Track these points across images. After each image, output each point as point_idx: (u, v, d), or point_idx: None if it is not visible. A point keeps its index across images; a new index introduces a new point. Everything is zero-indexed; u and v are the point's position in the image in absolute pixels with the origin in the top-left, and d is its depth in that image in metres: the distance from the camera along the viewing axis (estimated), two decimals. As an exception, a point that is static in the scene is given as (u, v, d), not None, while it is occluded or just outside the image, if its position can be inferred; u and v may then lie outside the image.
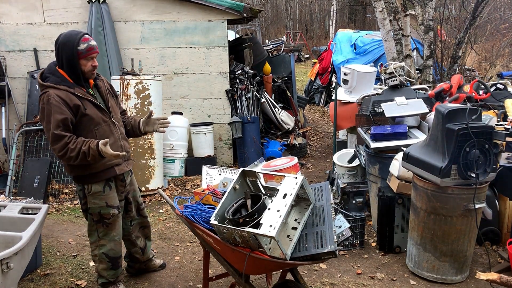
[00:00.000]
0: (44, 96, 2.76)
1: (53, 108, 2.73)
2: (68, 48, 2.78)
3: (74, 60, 2.80)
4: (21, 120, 6.21)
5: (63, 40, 2.80)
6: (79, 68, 2.84)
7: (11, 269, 2.72)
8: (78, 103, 2.82)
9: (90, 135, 2.88)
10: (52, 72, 2.84)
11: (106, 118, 2.98)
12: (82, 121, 2.86)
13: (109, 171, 3.00)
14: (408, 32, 6.97)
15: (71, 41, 2.78)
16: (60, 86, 2.79)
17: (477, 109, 3.31)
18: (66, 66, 2.82)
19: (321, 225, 2.52)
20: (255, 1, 24.10)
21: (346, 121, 5.90)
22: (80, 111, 2.83)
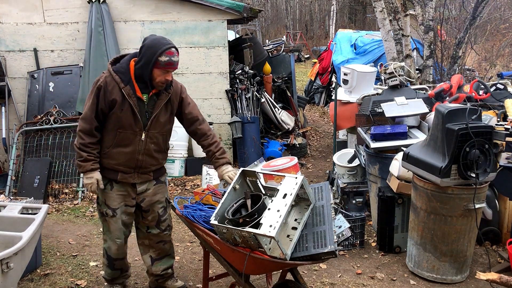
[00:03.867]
0: (100, 76, 2.84)
1: (95, 90, 2.79)
2: (150, 53, 2.74)
3: (149, 66, 2.75)
4: (21, 120, 6.21)
5: (149, 44, 2.77)
6: (150, 75, 2.79)
7: (11, 269, 2.72)
8: (118, 99, 2.78)
9: (112, 134, 2.86)
10: (123, 61, 2.87)
11: (136, 128, 2.86)
12: (112, 117, 2.83)
13: (111, 172, 2.94)
14: (408, 32, 6.97)
15: (156, 48, 2.73)
16: (116, 76, 2.80)
17: (477, 109, 3.31)
18: (141, 66, 2.78)
19: (321, 225, 2.52)
20: (255, 1, 24.10)
21: (346, 121, 5.90)
22: (115, 108, 2.79)
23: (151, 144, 2.93)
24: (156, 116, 2.90)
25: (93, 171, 2.84)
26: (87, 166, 2.82)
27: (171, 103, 2.98)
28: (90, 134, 2.82)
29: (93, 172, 2.84)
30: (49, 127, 5.85)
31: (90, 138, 2.82)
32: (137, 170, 2.96)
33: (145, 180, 3.02)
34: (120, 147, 2.87)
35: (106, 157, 2.90)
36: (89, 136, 2.82)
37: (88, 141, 2.81)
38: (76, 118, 5.89)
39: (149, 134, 2.91)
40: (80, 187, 5.55)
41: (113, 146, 2.87)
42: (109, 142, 2.88)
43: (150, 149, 2.94)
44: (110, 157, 2.89)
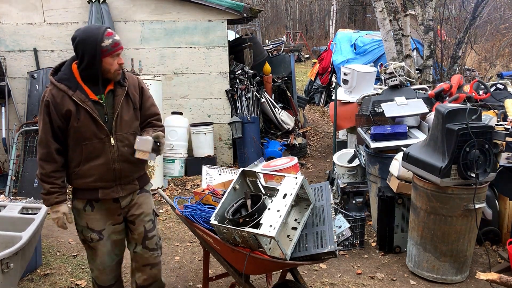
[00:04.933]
0: (44, 92, 2.47)
1: (44, 109, 2.44)
2: (89, 46, 2.35)
3: (96, 60, 2.38)
4: (21, 120, 6.21)
5: (82, 37, 2.37)
6: (102, 68, 2.42)
7: (11, 269, 2.72)
8: (72, 109, 2.41)
9: (77, 150, 2.49)
10: (64, 67, 2.50)
11: (101, 134, 2.48)
12: (70, 131, 2.46)
13: (90, 192, 2.55)
14: (408, 32, 6.97)
15: (93, 37, 2.35)
16: (60, 85, 2.42)
17: (477, 109, 3.31)
18: (86, 65, 2.40)
19: (321, 225, 2.52)
20: (255, 1, 24.10)
21: (346, 121, 5.90)
22: (71, 120, 2.43)
23: (124, 147, 2.55)
24: (119, 114, 2.52)
25: (58, 204, 2.51)
26: (51, 200, 2.49)
27: (131, 96, 2.60)
28: (50, 160, 2.47)
29: (58, 206, 2.51)
30: (49, 127, 5.84)
31: (50, 165, 2.47)
32: (118, 182, 2.57)
33: (130, 192, 2.65)
34: (90, 161, 2.49)
35: (79, 177, 2.52)
36: (49, 162, 2.47)
37: (50, 169, 2.46)
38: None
39: (118, 137, 2.53)
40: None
41: (83, 162, 2.49)
42: (77, 159, 2.50)
43: (125, 154, 2.55)
44: (83, 175, 2.51)
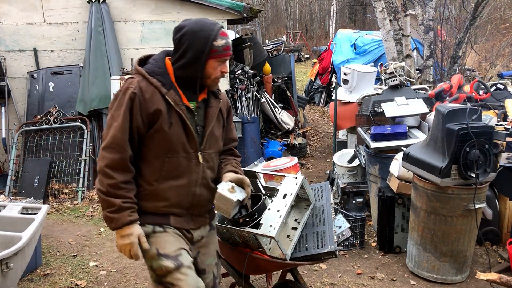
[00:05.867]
0: (127, 82, 1.96)
1: (127, 102, 1.89)
2: (199, 41, 1.92)
3: (202, 58, 1.94)
4: (21, 120, 6.21)
5: (193, 28, 1.93)
6: (203, 70, 1.97)
7: (11, 269, 2.72)
8: (162, 110, 1.92)
9: (157, 163, 1.96)
10: (156, 59, 2.03)
11: (190, 148, 2.00)
12: (154, 137, 1.94)
13: (159, 217, 2.02)
14: (408, 32, 6.97)
15: (207, 32, 1.93)
16: (152, 78, 1.94)
17: (477, 109, 3.31)
18: (186, 63, 1.95)
19: (321, 225, 2.52)
20: (255, 1, 24.08)
21: (346, 121, 5.90)
22: (159, 122, 1.92)
23: (208, 170, 2.09)
24: (212, 130, 2.07)
25: (132, 224, 1.89)
26: (123, 219, 1.87)
27: (222, 113, 2.17)
28: (123, 168, 1.90)
29: (131, 226, 1.89)
30: (49, 127, 5.85)
31: (123, 175, 1.90)
32: (191, 211, 2.08)
33: (199, 226, 2.15)
34: (170, 179, 1.98)
35: (150, 198, 1.98)
36: (122, 172, 1.90)
37: (121, 179, 1.88)
38: (76, 118, 5.89)
39: (205, 155, 2.07)
40: (80, 187, 5.55)
41: (161, 180, 1.97)
42: (152, 176, 1.97)
43: (208, 177, 2.10)
44: (157, 197, 1.98)
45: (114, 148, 1.89)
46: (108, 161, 1.88)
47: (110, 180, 1.87)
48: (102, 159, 1.90)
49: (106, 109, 5.84)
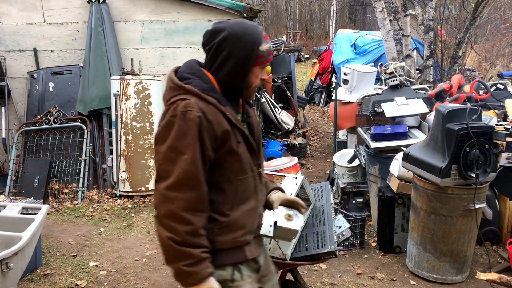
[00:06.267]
0: (181, 105, 1.59)
1: (194, 129, 1.57)
2: (246, 45, 1.66)
3: (248, 66, 1.69)
4: (21, 120, 6.21)
5: (236, 32, 1.65)
6: (247, 78, 1.71)
7: (11, 269, 2.72)
8: (229, 129, 1.66)
9: (230, 189, 1.69)
10: (196, 72, 1.69)
11: (254, 167, 1.79)
12: (227, 161, 1.68)
13: (237, 252, 1.73)
14: (408, 32, 6.97)
15: (252, 36, 1.67)
16: (208, 96, 1.64)
17: (477, 109, 3.31)
18: (230, 72, 1.68)
19: (321, 225, 2.52)
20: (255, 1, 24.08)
21: (346, 121, 5.90)
22: (229, 143, 1.66)
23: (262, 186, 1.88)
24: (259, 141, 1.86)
25: (210, 277, 1.59)
26: (203, 272, 1.56)
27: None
28: (202, 208, 1.60)
29: (210, 280, 1.58)
30: (49, 127, 5.85)
31: (201, 218, 1.59)
32: (256, 234, 1.85)
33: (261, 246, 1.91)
34: (242, 204, 1.73)
35: (228, 231, 1.69)
36: (201, 213, 1.59)
37: (200, 223, 1.58)
38: (76, 118, 5.89)
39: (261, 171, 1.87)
40: (80, 187, 5.55)
41: (235, 206, 1.71)
42: (227, 203, 1.69)
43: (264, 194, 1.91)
44: (234, 226, 1.70)
45: (187, 185, 1.55)
46: (183, 202, 1.54)
47: (188, 226, 1.54)
48: (172, 201, 1.53)
49: (106, 109, 5.85)
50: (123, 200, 5.44)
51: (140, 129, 5.51)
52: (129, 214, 5.05)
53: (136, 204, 5.35)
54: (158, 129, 1.62)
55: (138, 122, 5.49)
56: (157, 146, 1.60)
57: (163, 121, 1.61)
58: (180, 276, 1.56)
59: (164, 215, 1.54)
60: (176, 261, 1.54)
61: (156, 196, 1.57)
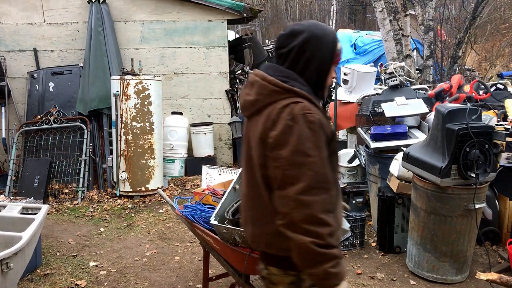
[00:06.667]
0: (297, 108, 1.55)
1: (314, 131, 1.53)
2: (327, 46, 1.66)
3: (329, 66, 1.68)
4: (21, 120, 6.21)
5: (316, 33, 1.64)
6: (327, 78, 1.70)
7: (11, 269, 2.72)
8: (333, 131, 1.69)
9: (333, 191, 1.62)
10: (291, 76, 1.64)
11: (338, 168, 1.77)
12: (332, 161, 1.65)
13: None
14: (408, 32, 6.97)
15: (330, 36, 1.67)
16: (313, 99, 1.63)
17: (477, 109, 3.31)
18: (316, 73, 1.66)
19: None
20: (255, 1, 24.09)
21: (346, 121, 5.89)
22: (334, 145, 1.66)
23: None
24: None
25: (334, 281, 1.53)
26: (344, 270, 1.53)
27: None
28: (332, 209, 1.56)
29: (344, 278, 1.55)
30: (49, 127, 5.85)
31: (333, 218, 1.54)
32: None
33: None
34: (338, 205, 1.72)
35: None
36: (331, 213, 1.55)
37: (335, 223, 1.54)
38: (76, 118, 5.90)
39: None
40: (80, 187, 5.55)
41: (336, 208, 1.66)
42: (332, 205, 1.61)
43: None
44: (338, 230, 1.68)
45: (321, 188, 1.51)
46: (320, 205, 1.49)
47: (328, 228, 1.49)
48: (309, 205, 1.47)
49: (106, 109, 5.85)
50: (123, 200, 5.45)
51: (140, 129, 5.51)
52: (129, 214, 5.05)
53: (136, 204, 5.36)
54: (273, 134, 1.54)
55: (138, 122, 5.50)
56: (276, 152, 1.52)
57: (279, 125, 1.53)
58: (324, 279, 1.50)
59: (301, 221, 1.47)
60: (320, 264, 1.48)
61: (285, 203, 1.49)
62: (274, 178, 1.54)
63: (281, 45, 1.67)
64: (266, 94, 1.61)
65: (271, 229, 1.58)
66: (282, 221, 1.51)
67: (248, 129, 1.69)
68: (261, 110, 1.61)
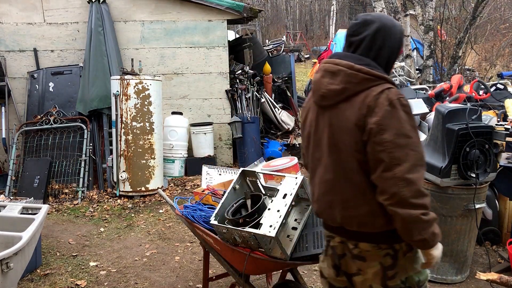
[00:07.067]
0: (391, 93, 1.66)
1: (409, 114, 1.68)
2: (396, 36, 1.78)
3: (396, 54, 1.83)
4: (21, 120, 6.21)
5: (389, 24, 1.77)
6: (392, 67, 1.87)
7: (11, 269, 2.72)
8: None
9: None
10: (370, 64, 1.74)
11: None
12: None
13: None
14: (408, 32, 6.97)
15: (399, 27, 1.81)
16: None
17: (477, 109, 3.31)
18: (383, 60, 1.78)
19: (321, 225, 2.52)
20: (255, 1, 24.08)
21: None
22: None
23: None
24: None
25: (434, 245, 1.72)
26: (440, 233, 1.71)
27: None
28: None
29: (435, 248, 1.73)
30: (49, 127, 5.85)
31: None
32: None
33: None
34: None
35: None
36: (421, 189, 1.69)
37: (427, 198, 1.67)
38: (76, 118, 5.90)
39: None
40: (80, 187, 5.55)
41: None
42: None
43: None
44: None
45: (421, 165, 1.66)
46: (421, 180, 1.64)
47: (428, 197, 1.65)
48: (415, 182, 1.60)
49: (106, 109, 5.85)
50: (123, 200, 5.45)
51: (140, 129, 5.51)
52: (129, 214, 5.05)
53: (136, 204, 5.36)
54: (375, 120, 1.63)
55: (138, 122, 5.50)
56: (380, 136, 1.62)
57: (379, 111, 1.63)
58: (430, 241, 1.65)
59: (412, 197, 1.59)
60: (427, 230, 1.63)
61: (394, 183, 1.60)
62: (378, 161, 1.62)
63: (353, 33, 1.78)
64: (356, 83, 1.69)
65: (365, 210, 1.70)
66: (390, 200, 1.61)
67: (329, 118, 1.76)
68: (350, 98, 1.70)
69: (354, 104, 1.68)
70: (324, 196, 1.83)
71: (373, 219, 1.71)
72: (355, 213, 1.73)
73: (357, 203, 1.72)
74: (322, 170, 1.81)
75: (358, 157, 1.68)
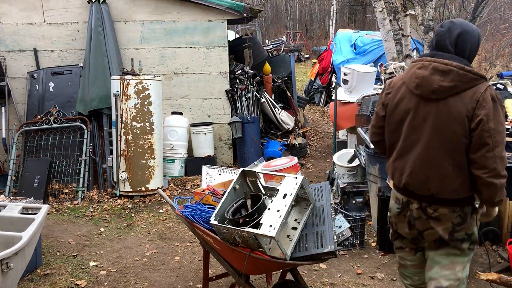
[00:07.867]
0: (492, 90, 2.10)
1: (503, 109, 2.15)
2: (478, 40, 2.22)
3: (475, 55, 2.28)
4: (21, 120, 6.21)
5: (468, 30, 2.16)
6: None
7: (11, 269, 2.72)
8: None
9: None
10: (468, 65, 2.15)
11: None
12: None
13: None
14: (408, 32, 6.98)
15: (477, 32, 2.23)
16: None
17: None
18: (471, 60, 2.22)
19: (321, 225, 2.52)
20: (255, 1, 24.08)
21: (346, 121, 5.90)
22: None
23: None
24: None
25: None
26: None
27: None
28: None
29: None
30: (49, 127, 5.85)
31: None
32: None
33: None
34: None
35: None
36: None
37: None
38: (76, 118, 5.90)
39: None
40: (80, 187, 5.55)
41: None
42: None
43: None
44: None
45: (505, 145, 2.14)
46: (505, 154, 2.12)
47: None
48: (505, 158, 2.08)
49: (106, 109, 5.85)
50: (123, 200, 5.45)
51: (140, 129, 5.51)
52: (129, 214, 5.06)
53: (136, 204, 5.36)
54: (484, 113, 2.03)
55: (138, 122, 5.50)
56: (488, 125, 2.03)
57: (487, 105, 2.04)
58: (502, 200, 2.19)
59: (502, 169, 2.07)
60: (504, 192, 2.14)
61: (494, 160, 2.04)
62: (483, 144, 2.03)
63: (443, 38, 2.17)
64: (466, 81, 2.07)
65: (459, 181, 2.14)
66: (490, 173, 2.05)
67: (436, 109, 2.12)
68: (459, 93, 2.07)
69: (463, 99, 2.06)
70: (420, 170, 2.19)
71: (465, 187, 2.16)
72: (451, 183, 2.14)
73: (455, 176, 2.13)
74: (421, 150, 2.17)
75: (465, 141, 2.07)
